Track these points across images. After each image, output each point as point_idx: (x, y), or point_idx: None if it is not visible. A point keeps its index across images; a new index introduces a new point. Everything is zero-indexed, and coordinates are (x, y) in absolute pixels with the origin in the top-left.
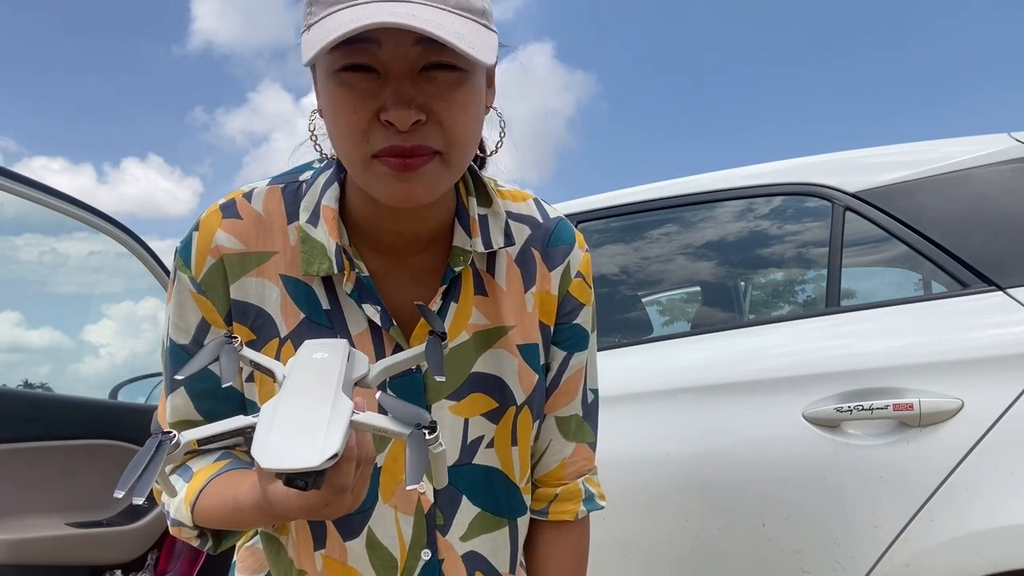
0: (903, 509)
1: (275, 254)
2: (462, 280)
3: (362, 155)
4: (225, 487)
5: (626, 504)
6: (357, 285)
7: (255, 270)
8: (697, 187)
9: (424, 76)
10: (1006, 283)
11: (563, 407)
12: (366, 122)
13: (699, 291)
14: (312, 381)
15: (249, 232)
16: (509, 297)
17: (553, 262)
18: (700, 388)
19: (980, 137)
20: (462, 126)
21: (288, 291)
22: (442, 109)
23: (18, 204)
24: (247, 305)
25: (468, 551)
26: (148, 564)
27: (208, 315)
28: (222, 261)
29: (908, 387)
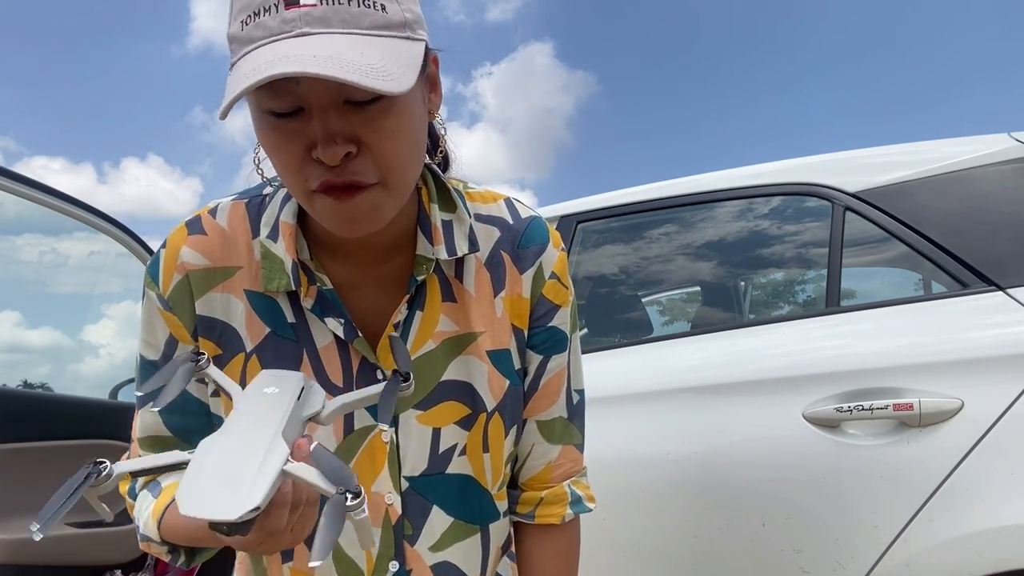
0: (903, 509)
1: (240, 269)
2: (427, 288)
3: (303, 190)
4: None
5: (626, 504)
6: (319, 299)
7: (220, 285)
8: (697, 187)
9: (349, 107)
10: (1006, 283)
11: (544, 411)
12: (299, 160)
13: (699, 291)
14: (253, 420)
15: (214, 248)
16: (478, 303)
17: (524, 264)
18: (700, 388)
19: (980, 137)
20: (395, 153)
21: (253, 306)
22: (372, 139)
23: (18, 204)
24: (213, 320)
25: (439, 561)
26: (148, 564)
27: (175, 331)
28: (187, 277)
29: (908, 387)
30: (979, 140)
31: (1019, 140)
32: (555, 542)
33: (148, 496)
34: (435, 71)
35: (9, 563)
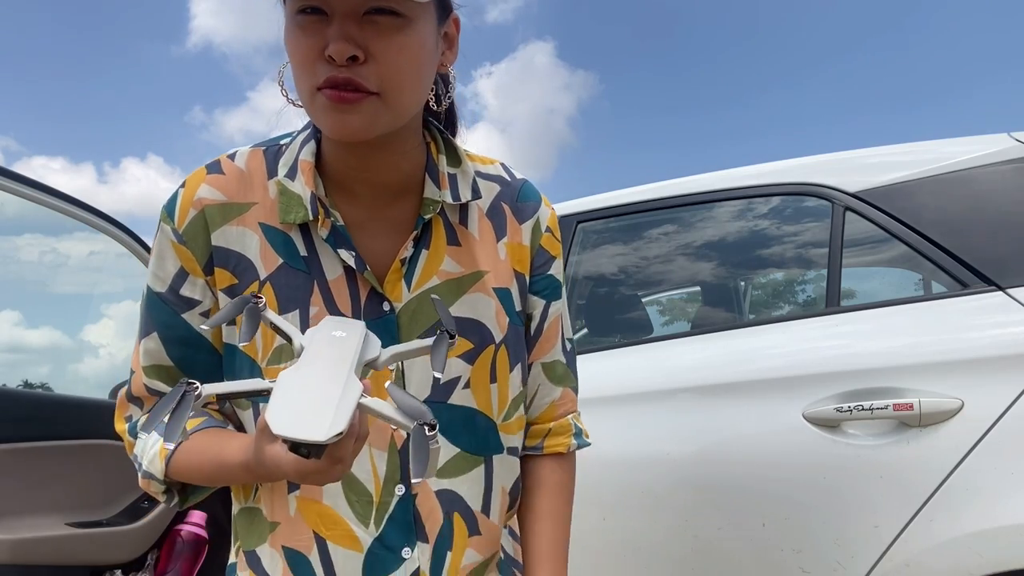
0: (903, 509)
1: (255, 204)
2: (432, 230)
3: (309, 87)
4: (207, 444)
5: (626, 504)
6: (332, 232)
7: (236, 219)
8: (697, 187)
9: (367, 19)
10: (1006, 283)
11: (547, 353)
12: (313, 57)
13: (699, 291)
14: (328, 357)
15: (231, 185)
16: (482, 246)
17: (523, 216)
18: (700, 388)
19: (980, 137)
20: (399, 68)
21: (267, 238)
22: (380, 50)
23: (18, 204)
24: (228, 251)
25: (442, 488)
26: (148, 564)
27: (187, 264)
28: (203, 212)
29: (908, 387)
30: (979, 140)
31: (1019, 140)
32: (562, 470)
33: (153, 435)
34: (454, 32)
35: (9, 563)
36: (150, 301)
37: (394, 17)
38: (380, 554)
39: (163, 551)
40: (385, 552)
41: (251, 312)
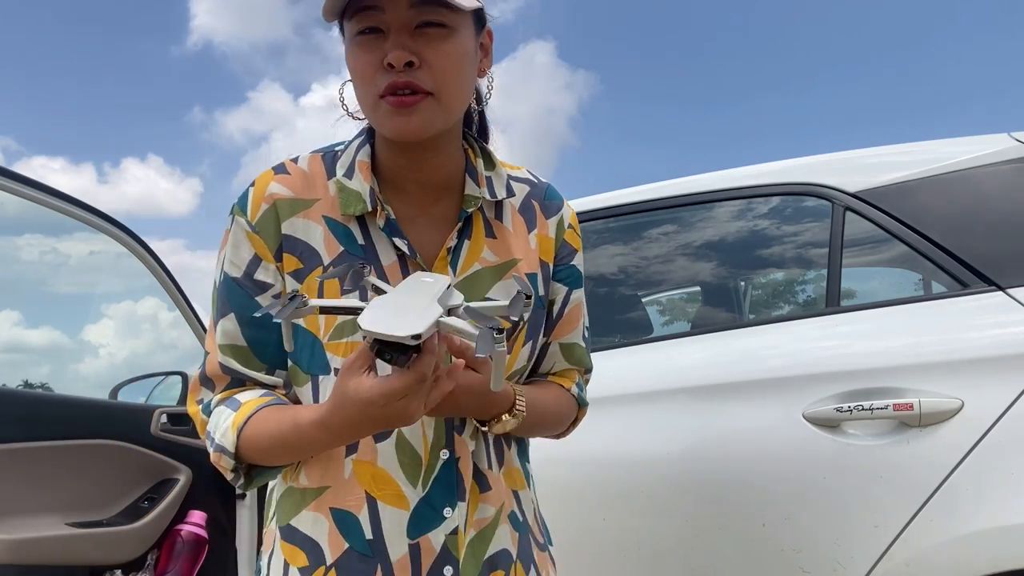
0: (903, 509)
1: (318, 200)
2: (473, 223)
3: (372, 96)
4: (280, 413)
5: (626, 504)
6: (386, 223)
7: (302, 212)
8: (697, 187)
9: (418, 32)
10: (1006, 283)
11: (567, 335)
12: (374, 68)
13: (699, 291)
14: (416, 289)
15: (296, 183)
16: (515, 237)
17: (549, 212)
18: (700, 388)
19: (980, 137)
20: (449, 70)
21: (330, 229)
22: (431, 56)
23: (18, 204)
24: (296, 240)
25: (474, 448)
26: (148, 564)
27: (260, 252)
28: (275, 206)
29: (908, 387)
30: (979, 140)
31: (1019, 140)
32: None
33: (226, 410)
34: (488, 42)
35: (9, 563)
36: (227, 286)
37: (441, 28)
38: (424, 513)
39: (163, 551)
40: (429, 511)
41: (355, 274)
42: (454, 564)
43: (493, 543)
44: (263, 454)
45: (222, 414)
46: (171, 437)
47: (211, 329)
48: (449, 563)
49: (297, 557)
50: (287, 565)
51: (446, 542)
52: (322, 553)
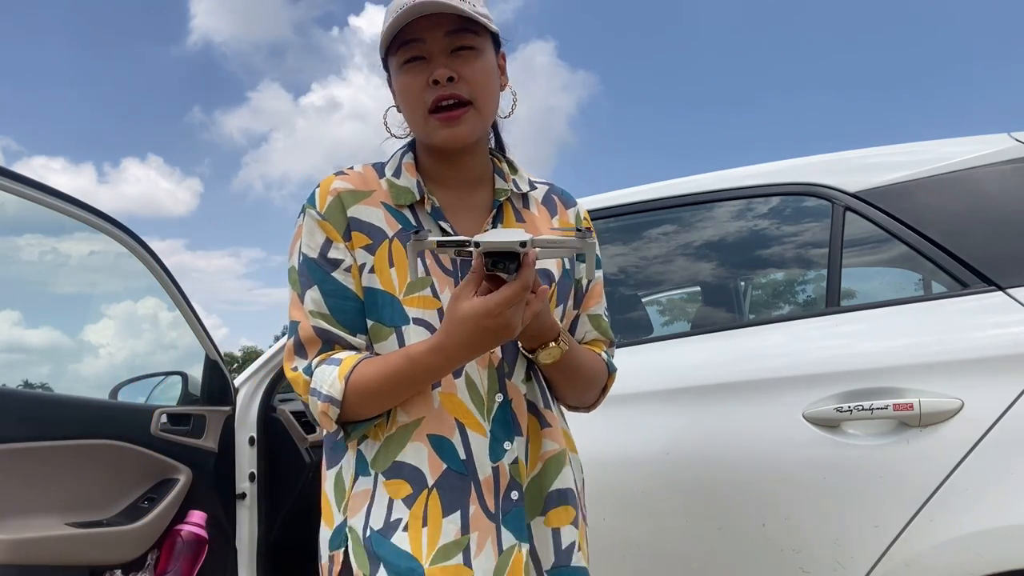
0: (903, 509)
1: (375, 191)
2: (504, 211)
3: (422, 113)
4: (386, 356)
5: (626, 504)
6: (433, 209)
7: (364, 201)
8: (697, 187)
9: (454, 55)
10: (1006, 283)
11: (593, 307)
12: (421, 88)
13: (699, 291)
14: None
15: (355, 181)
16: (541, 221)
17: (568, 205)
18: (700, 388)
19: (980, 137)
20: (482, 82)
21: (388, 211)
22: (467, 72)
23: (18, 204)
24: (362, 221)
25: (525, 392)
26: (148, 564)
27: (330, 235)
28: (339, 197)
29: (908, 387)
30: (979, 140)
31: (1019, 140)
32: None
33: (329, 367)
34: (503, 63)
35: (9, 563)
36: (308, 265)
37: (471, 51)
38: (493, 444)
39: (163, 551)
40: (495, 443)
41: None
42: (519, 489)
43: (559, 479)
44: (369, 397)
45: (325, 371)
46: (171, 437)
47: (296, 303)
48: (515, 488)
49: (400, 489)
50: (392, 501)
51: (511, 470)
52: (424, 478)
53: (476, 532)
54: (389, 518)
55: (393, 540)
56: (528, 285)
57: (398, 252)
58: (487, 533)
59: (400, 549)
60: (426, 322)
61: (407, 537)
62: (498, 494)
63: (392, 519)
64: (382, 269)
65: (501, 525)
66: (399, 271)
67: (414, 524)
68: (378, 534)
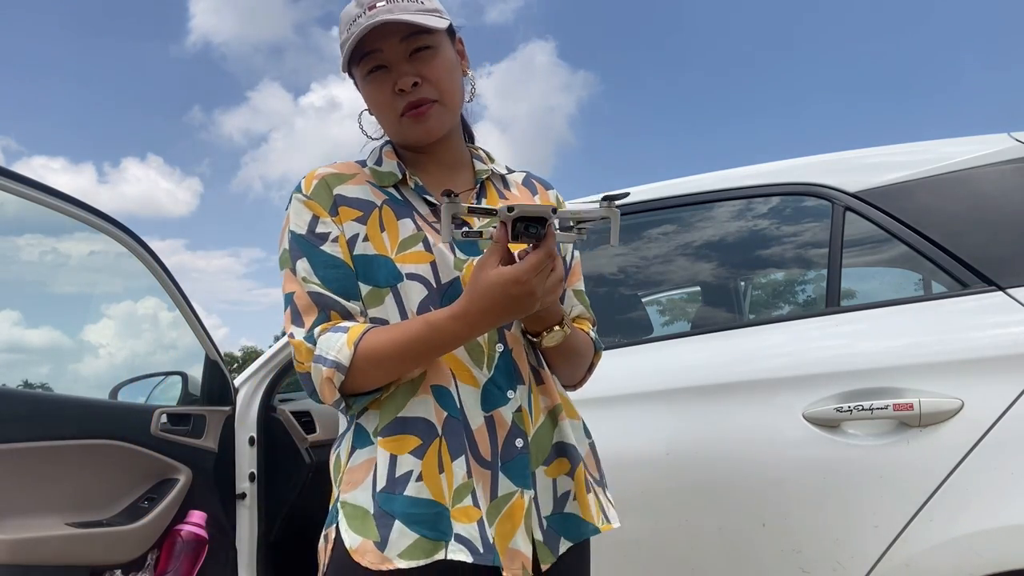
0: (903, 509)
1: (358, 174)
2: (487, 190)
3: (394, 116)
4: (400, 323)
5: (626, 504)
6: (416, 186)
7: (349, 181)
8: (697, 187)
9: (413, 58)
10: (1006, 283)
11: (576, 282)
12: (389, 96)
13: (699, 291)
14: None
15: (339, 168)
16: (523, 198)
17: (546, 187)
18: (700, 388)
19: (980, 137)
20: (444, 79)
21: (374, 187)
22: (428, 73)
23: (18, 204)
24: (348, 197)
25: (526, 342)
26: (148, 564)
27: (316, 212)
28: (324, 180)
29: (908, 387)
30: (979, 140)
31: (1019, 140)
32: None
33: (335, 334)
34: (462, 48)
35: (9, 563)
36: (296, 241)
37: (428, 50)
38: (493, 392)
39: (163, 551)
40: (496, 391)
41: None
42: (523, 437)
43: (558, 431)
44: (381, 364)
45: (331, 338)
46: (171, 437)
47: (289, 276)
48: (519, 436)
49: (406, 443)
50: (393, 458)
51: (514, 419)
52: (433, 427)
53: (473, 478)
54: (394, 475)
55: (406, 493)
56: (553, 252)
57: (388, 217)
58: (481, 477)
59: (418, 498)
60: (420, 276)
61: (424, 486)
62: (495, 442)
63: (398, 475)
64: (375, 235)
65: (499, 471)
66: (391, 233)
67: (429, 472)
68: (384, 493)
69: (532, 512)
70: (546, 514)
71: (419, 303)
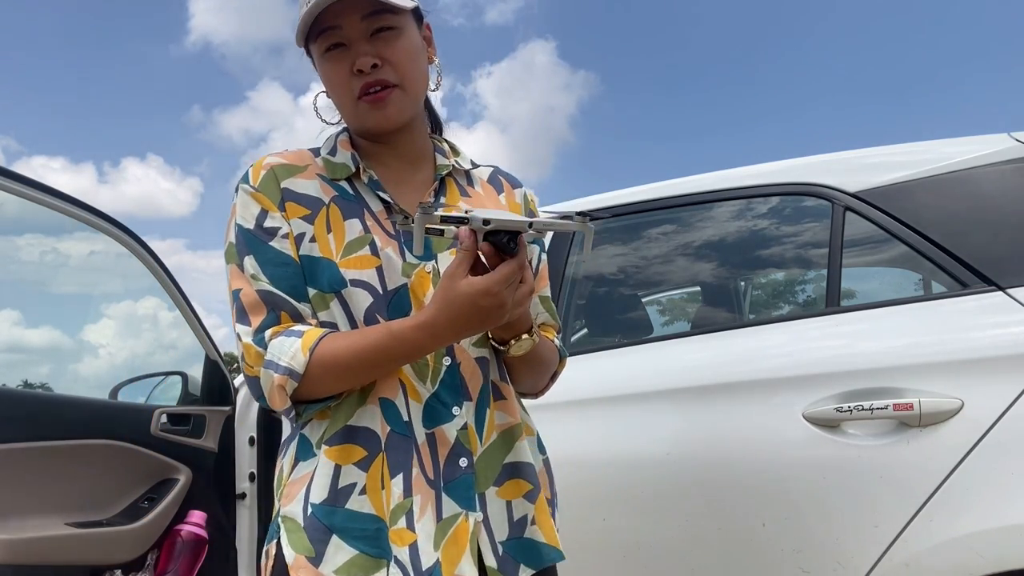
0: (903, 509)
1: (310, 166)
2: (448, 186)
3: (350, 99)
4: (361, 331)
5: (626, 504)
6: (370, 181)
7: (298, 175)
8: (697, 187)
9: (375, 38)
10: (1006, 283)
11: (543, 289)
12: (346, 76)
13: (699, 291)
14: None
15: (289, 157)
16: (487, 198)
17: (514, 185)
18: (700, 388)
19: (980, 137)
20: (406, 63)
21: (324, 181)
22: (390, 54)
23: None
24: (297, 192)
25: (480, 356)
26: (148, 564)
27: (264, 205)
28: (273, 171)
29: (908, 387)
30: (979, 140)
31: (1019, 140)
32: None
33: (289, 338)
34: (429, 34)
35: (9, 563)
36: (243, 235)
37: (392, 31)
38: (436, 408)
39: (163, 551)
40: (440, 407)
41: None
42: (468, 456)
43: (512, 453)
44: (337, 372)
45: (284, 342)
46: (171, 437)
47: (236, 273)
48: (463, 455)
49: (352, 454)
50: (338, 468)
51: (459, 436)
52: (379, 440)
53: (419, 495)
54: (337, 485)
55: (348, 506)
56: (524, 264)
57: (335, 216)
58: (427, 497)
59: (360, 512)
60: (365, 282)
61: (368, 500)
62: (437, 460)
63: (341, 486)
64: (321, 236)
65: (442, 492)
66: (336, 235)
67: (373, 486)
68: (322, 506)
69: (483, 536)
70: (502, 539)
71: (365, 311)
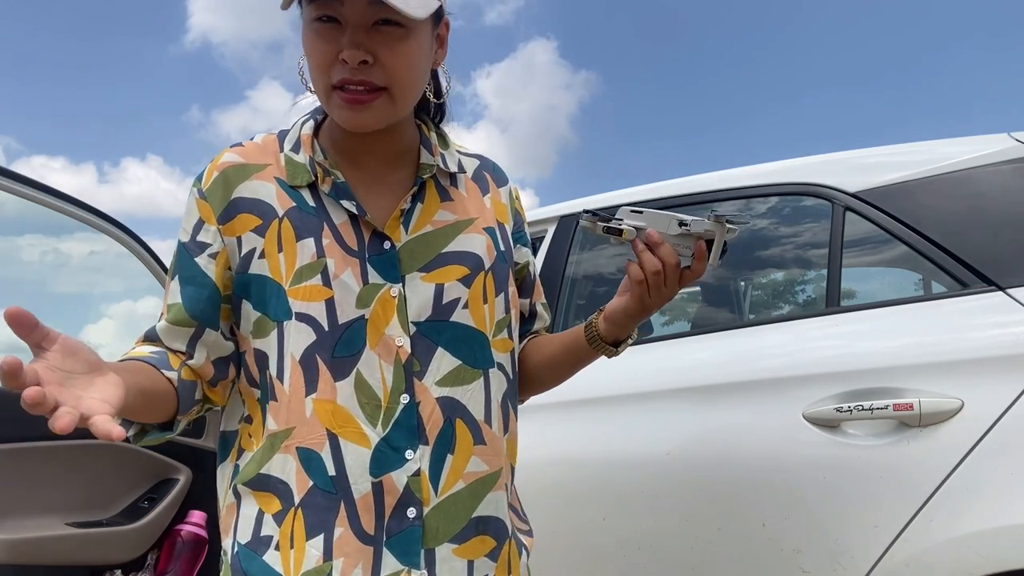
0: (903, 509)
1: (270, 165)
2: (427, 190)
3: (325, 86)
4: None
5: (626, 504)
6: (333, 187)
7: (255, 175)
8: (697, 187)
9: (375, 29)
10: (1006, 283)
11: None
12: (329, 59)
13: (699, 291)
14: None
15: (249, 153)
16: (470, 200)
17: (499, 183)
18: (700, 388)
19: (980, 137)
20: (402, 70)
21: (282, 187)
22: (385, 55)
23: (19, 204)
24: (251, 200)
25: (444, 396)
26: (148, 564)
27: (204, 214)
28: (224, 173)
29: (908, 387)
30: (979, 140)
31: (1019, 140)
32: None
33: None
34: (445, 33)
35: (9, 563)
36: (177, 250)
37: (398, 27)
38: (386, 453)
39: (163, 551)
40: (391, 452)
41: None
42: (417, 506)
43: (484, 505)
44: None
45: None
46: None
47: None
48: (412, 505)
49: (271, 503)
50: (261, 513)
51: (408, 483)
52: (292, 494)
53: (342, 558)
54: (259, 532)
55: (264, 558)
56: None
57: (287, 234)
58: (358, 558)
59: (271, 568)
60: (310, 317)
61: (279, 557)
62: (382, 512)
63: (262, 534)
64: (271, 254)
65: (383, 548)
66: (287, 256)
67: (283, 543)
68: (246, 548)
69: None
70: None
71: (304, 350)
